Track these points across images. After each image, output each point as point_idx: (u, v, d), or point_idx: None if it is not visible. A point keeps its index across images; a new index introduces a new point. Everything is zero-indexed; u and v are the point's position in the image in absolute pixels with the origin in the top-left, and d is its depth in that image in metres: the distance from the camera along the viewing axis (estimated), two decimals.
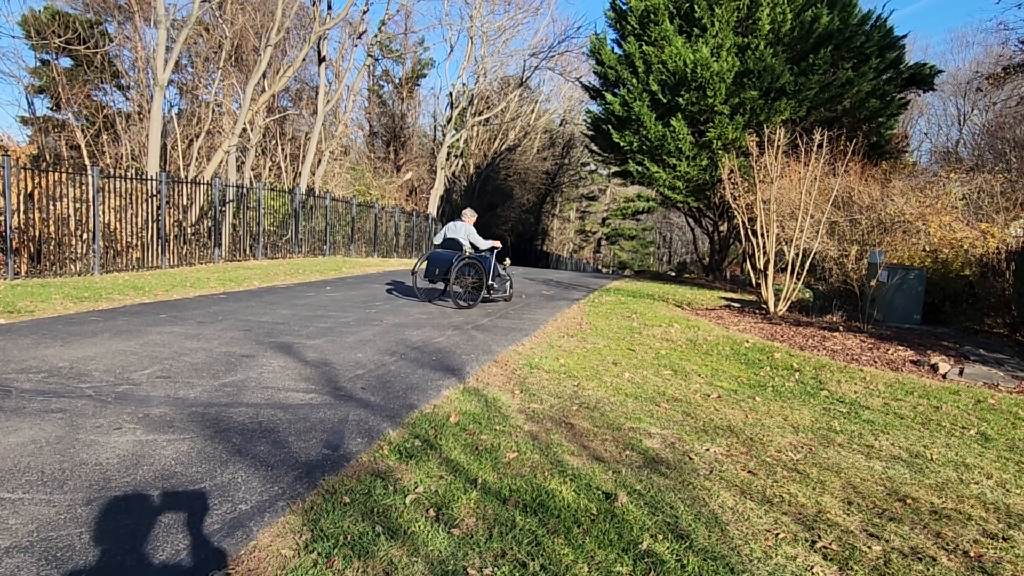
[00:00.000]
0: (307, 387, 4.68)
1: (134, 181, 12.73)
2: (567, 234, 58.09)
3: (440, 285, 9.42)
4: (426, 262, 9.27)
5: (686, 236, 54.19)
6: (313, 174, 23.24)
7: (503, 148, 37.45)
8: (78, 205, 11.56)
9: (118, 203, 12.34)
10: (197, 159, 20.36)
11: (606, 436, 4.15)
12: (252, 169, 21.59)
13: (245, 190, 16.59)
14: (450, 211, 34.98)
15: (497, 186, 38.45)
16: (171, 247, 13.72)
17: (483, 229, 36.85)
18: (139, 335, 6.19)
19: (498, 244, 9.55)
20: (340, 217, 20.97)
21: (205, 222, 15.91)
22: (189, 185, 14.99)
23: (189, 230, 15.00)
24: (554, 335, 7.60)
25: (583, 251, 61.43)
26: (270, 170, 24.33)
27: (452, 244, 9.33)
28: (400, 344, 6.44)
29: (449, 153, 32.57)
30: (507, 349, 6.54)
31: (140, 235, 12.87)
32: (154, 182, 13.20)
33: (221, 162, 18.76)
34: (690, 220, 24.82)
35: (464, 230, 9.42)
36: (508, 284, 9.93)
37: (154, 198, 13.18)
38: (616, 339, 7.64)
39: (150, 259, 12.99)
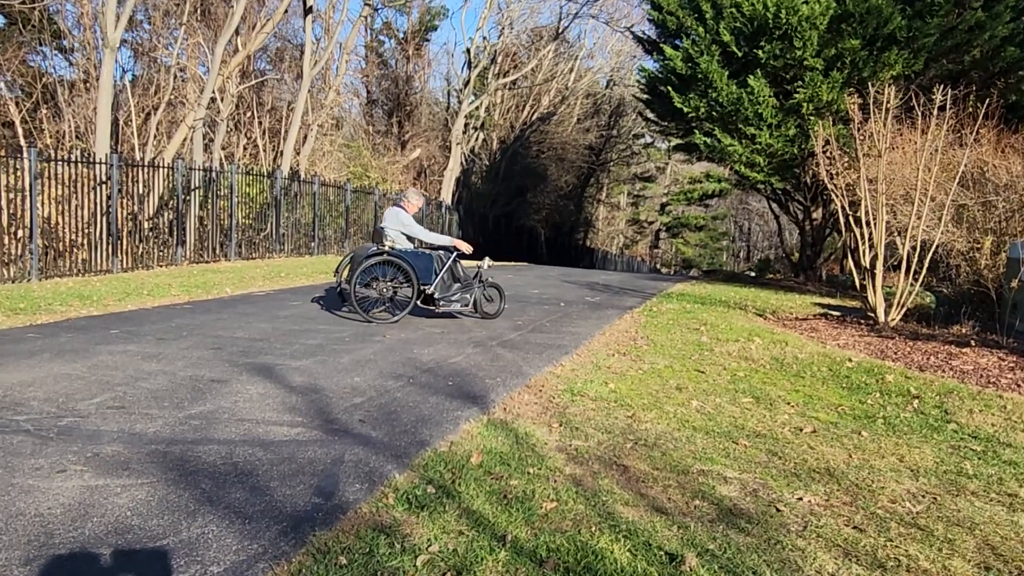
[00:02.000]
0: (293, 419, 4.73)
1: (79, 165, 13.04)
2: (616, 225, 57.97)
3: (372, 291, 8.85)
4: (351, 261, 8.90)
5: (769, 226, 53.66)
6: (298, 153, 23.56)
7: (534, 117, 37.56)
8: (11, 195, 11.88)
9: (60, 192, 12.66)
10: (156, 137, 20.77)
11: (669, 481, 4.12)
12: (223, 148, 21.96)
13: (214, 174, 16.88)
14: (468, 197, 35.13)
15: (527, 165, 38.53)
16: (124, 246, 14.01)
17: (509, 219, 36.99)
18: (86, 356, 6.33)
19: (462, 246, 8.98)
20: (332, 206, 21.22)
21: (166, 214, 16.22)
22: (146, 169, 15.31)
23: (146, 224, 15.31)
24: (601, 353, 7.59)
25: (637, 246, 61.23)
26: (245, 149, 24.73)
27: (379, 237, 8.96)
28: (408, 365, 6.48)
29: (467, 125, 32.74)
30: (542, 371, 6.54)
31: (87, 231, 13.17)
32: (104, 166, 13.50)
33: (185, 140, 19.11)
34: (774, 205, 24.55)
35: (396, 218, 8.93)
36: (476, 293, 9.07)
37: (104, 185, 13.48)
38: (680, 358, 7.60)
39: (99, 261, 13.28)
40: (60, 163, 12.68)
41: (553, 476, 4.06)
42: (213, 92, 19.16)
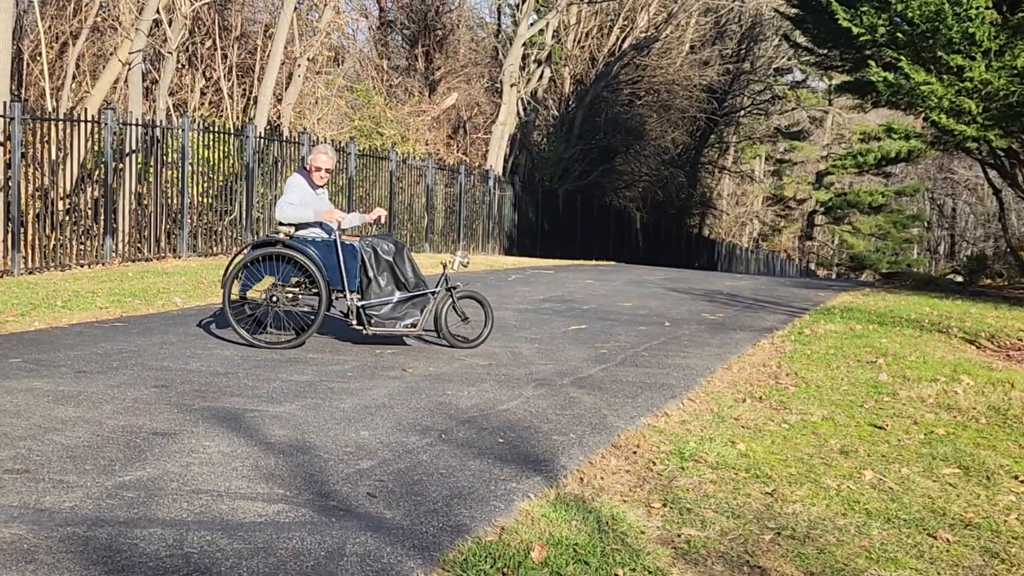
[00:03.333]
0: (271, 491, 4.76)
1: None
2: (749, 205, 57.56)
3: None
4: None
5: (985, 207, 52.59)
6: (279, 101, 23.81)
7: (626, 45, 37.45)
8: None
9: None
10: (76, 78, 21.16)
11: None
12: (171, 94, 22.26)
13: (159, 131, 17.09)
14: (528, 164, 35.18)
15: (615, 116, 38.42)
16: (29, 236, 14.23)
17: (588, 197, 36.90)
18: None
19: (332, 217, 9.02)
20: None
21: (89, 190, 16.45)
22: (62, 124, 15.57)
23: (61, 205, 15.56)
24: (726, 397, 7.54)
25: (779, 237, 60.66)
26: (203, 95, 25.05)
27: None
28: (439, 413, 6.49)
29: (525, 57, 32.82)
30: (637, 423, 6.50)
31: None
32: (1, 119, 13.78)
33: (117, 82, 19.42)
34: (993, 175, 24.04)
35: (287, 185, 9.25)
36: (439, 306, 8.95)
37: (1, 148, 13.76)
38: (847, 406, 7.51)
39: None
40: None
41: None
42: (157, 12, 19.44)
